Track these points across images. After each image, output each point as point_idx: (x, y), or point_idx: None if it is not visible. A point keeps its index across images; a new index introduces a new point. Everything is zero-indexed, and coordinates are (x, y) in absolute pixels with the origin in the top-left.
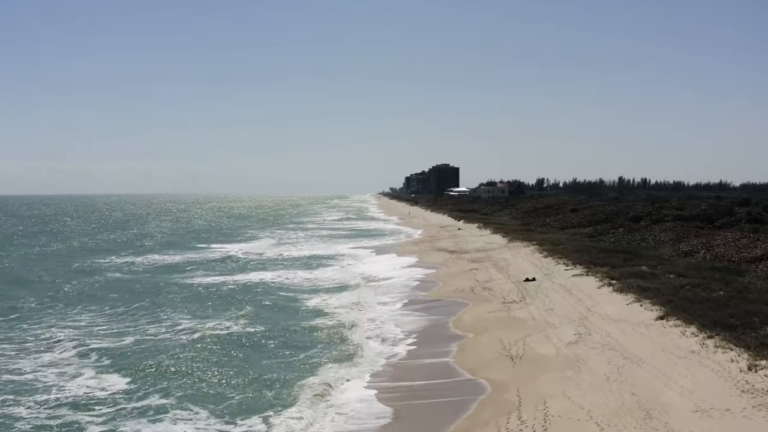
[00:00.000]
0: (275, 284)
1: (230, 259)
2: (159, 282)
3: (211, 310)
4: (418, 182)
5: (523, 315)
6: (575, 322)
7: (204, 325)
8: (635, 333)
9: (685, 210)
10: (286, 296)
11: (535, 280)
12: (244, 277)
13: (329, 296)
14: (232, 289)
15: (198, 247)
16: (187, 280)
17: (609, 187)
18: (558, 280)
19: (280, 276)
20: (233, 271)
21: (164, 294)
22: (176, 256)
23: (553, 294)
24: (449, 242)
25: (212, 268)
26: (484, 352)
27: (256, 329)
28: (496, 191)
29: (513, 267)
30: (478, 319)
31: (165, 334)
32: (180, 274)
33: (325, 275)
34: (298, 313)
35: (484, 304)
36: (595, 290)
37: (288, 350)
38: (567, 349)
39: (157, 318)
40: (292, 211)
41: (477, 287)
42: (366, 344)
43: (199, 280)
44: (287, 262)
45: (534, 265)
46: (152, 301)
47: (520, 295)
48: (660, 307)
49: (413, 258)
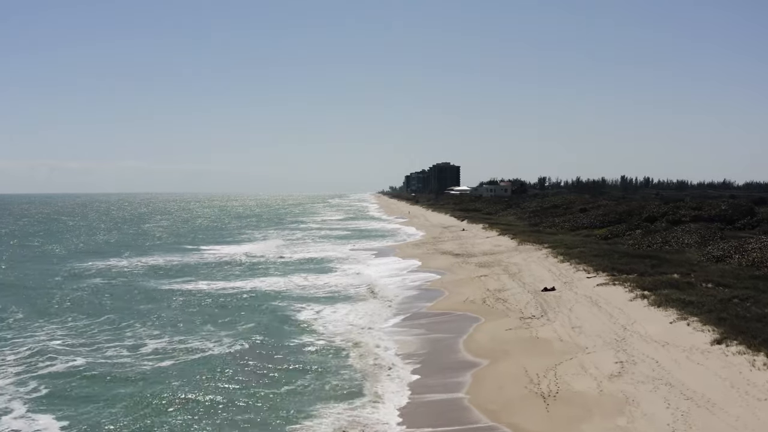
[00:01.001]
0: (267, 293)
1: (222, 263)
2: (137, 290)
3: (187, 326)
4: (418, 181)
5: (548, 334)
6: (612, 344)
7: (175, 347)
8: (690, 362)
9: (703, 210)
10: (278, 308)
11: (554, 289)
12: (233, 285)
13: (325, 308)
14: (217, 299)
15: (191, 249)
16: (170, 287)
17: (612, 186)
18: (581, 290)
19: (274, 283)
20: (223, 277)
21: (138, 305)
22: (165, 259)
23: (579, 307)
24: (453, 244)
25: (200, 273)
26: (506, 387)
27: (238, 353)
28: (499, 190)
29: (527, 273)
30: (495, 338)
31: (125, 357)
32: (164, 281)
33: (322, 282)
34: (287, 332)
35: (500, 320)
36: (627, 303)
37: (271, 386)
38: (610, 384)
39: (121, 335)
40: (292, 210)
41: (489, 298)
42: (362, 373)
43: (183, 288)
44: (283, 266)
45: (550, 272)
46: (123, 313)
47: (540, 308)
48: (712, 327)
49: (415, 262)
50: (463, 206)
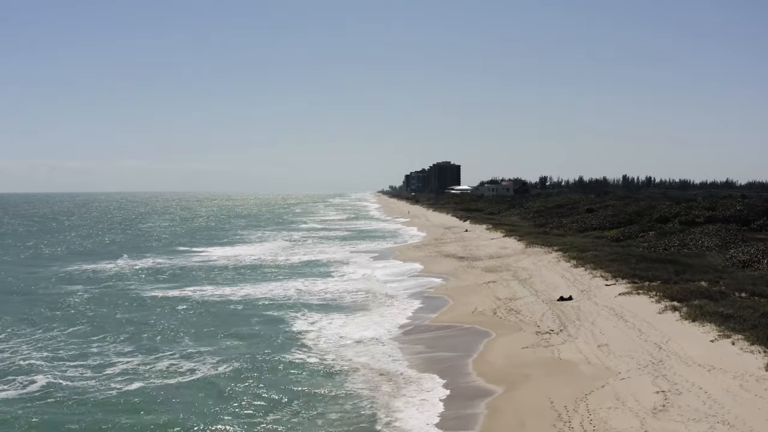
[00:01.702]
0: (259, 301)
1: (214, 266)
2: (119, 297)
3: (165, 341)
4: (418, 180)
5: (572, 354)
6: (647, 368)
7: (148, 367)
8: (747, 393)
9: (717, 210)
10: (269, 320)
11: (571, 299)
12: (223, 291)
13: (319, 320)
14: (204, 307)
15: (184, 251)
16: (155, 293)
17: (613, 185)
18: (601, 300)
19: (267, 289)
20: (213, 282)
21: (116, 314)
22: (156, 262)
23: (602, 321)
24: (457, 246)
25: (190, 278)
26: (529, 424)
27: (220, 376)
28: (500, 189)
29: (538, 280)
30: (510, 359)
31: (89, 379)
32: (150, 286)
33: (318, 288)
34: (277, 348)
35: (514, 335)
36: (656, 316)
37: (256, 418)
38: (656, 422)
39: (89, 351)
40: (291, 209)
41: (500, 308)
42: (355, 402)
43: (169, 294)
44: (278, 270)
45: (564, 279)
46: (98, 324)
47: (558, 321)
48: (762, 348)
49: (417, 265)
50: (465, 206)
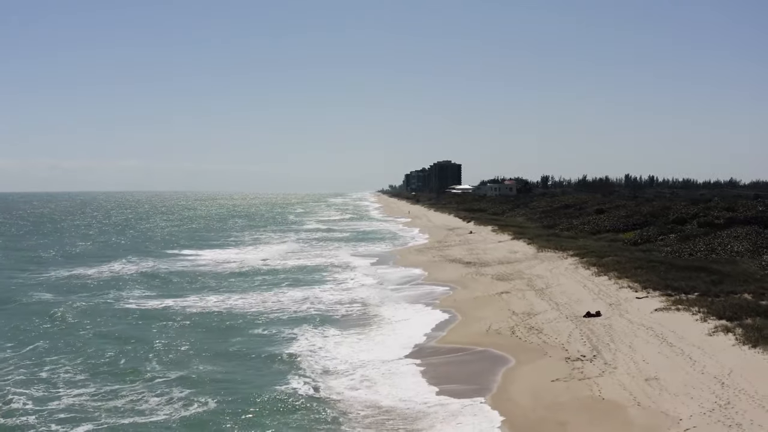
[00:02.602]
0: (245, 314)
1: (200, 272)
2: (86, 309)
3: (129, 366)
4: (418, 180)
5: (615, 391)
6: (714, 413)
7: (99, 402)
8: None
9: (737, 211)
10: (252, 339)
11: (599, 315)
12: (206, 302)
13: (308, 339)
14: (182, 322)
15: (173, 255)
16: (128, 305)
17: (616, 184)
18: (635, 316)
19: (255, 300)
20: (197, 291)
21: (78, 329)
22: (139, 267)
23: (641, 344)
24: (462, 250)
25: (176, 285)
26: None
27: (191, 419)
28: (503, 189)
29: (557, 290)
30: (539, 397)
31: (29, 414)
32: (125, 295)
33: (313, 298)
34: (262, 377)
35: (538, 362)
36: (706, 339)
37: None
38: None
39: (36, 378)
40: (290, 209)
41: (519, 326)
42: None
43: (144, 306)
44: (270, 276)
45: (587, 289)
46: (56, 341)
47: (589, 343)
48: None
49: (420, 271)
50: (467, 206)
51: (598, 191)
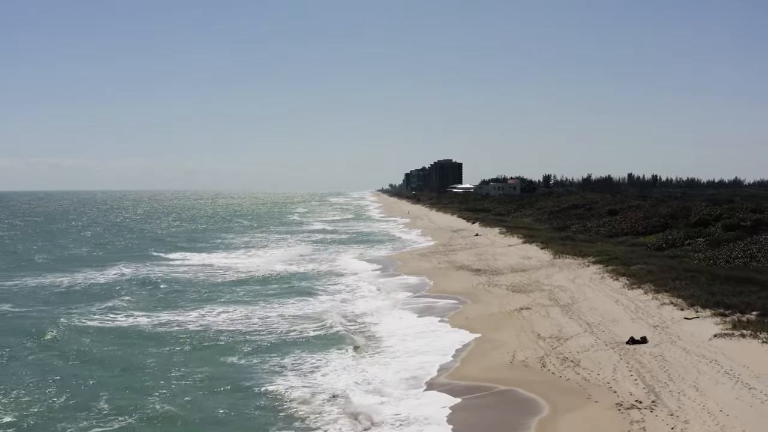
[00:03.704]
0: (222, 335)
1: (178, 280)
2: (37, 327)
3: (77, 398)
4: (418, 179)
5: None
6: None
7: None
8: None
9: (764, 213)
10: (228, 370)
11: (646, 341)
12: (184, 317)
13: (295, 368)
14: (148, 345)
15: (161, 258)
16: (94, 321)
17: (620, 183)
18: (690, 344)
19: (235, 316)
20: (176, 303)
21: (27, 354)
22: (117, 273)
23: (709, 384)
24: (469, 255)
25: (151, 296)
26: None
27: None
28: (507, 188)
29: (585, 305)
30: None
31: None
32: (90, 309)
33: (299, 315)
34: (231, 421)
35: (582, 410)
36: None
37: None
38: None
39: None
40: (288, 209)
41: (549, 356)
42: None
43: (110, 324)
44: (258, 285)
45: (620, 305)
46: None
47: (642, 382)
48: None
49: (424, 280)
50: (470, 206)
51: (604, 190)
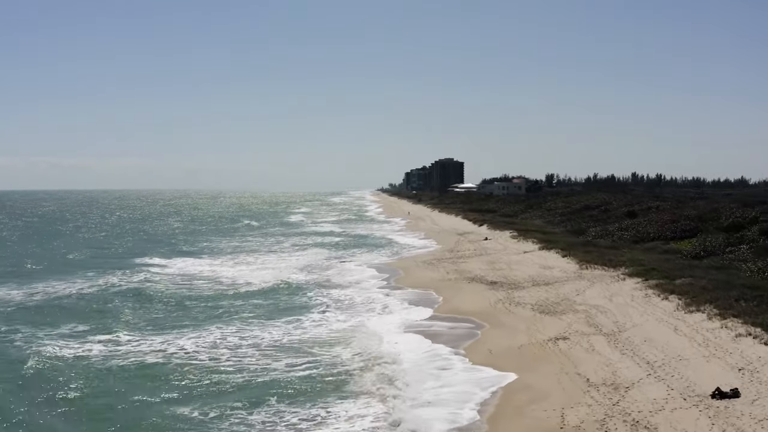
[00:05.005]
0: (185, 370)
1: (159, 295)
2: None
3: None
4: (418, 178)
5: None
6: None
7: None
8: None
9: None
10: (186, 426)
11: (737, 395)
12: (148, 344)
13: (270, 426)
14: (95, 382)
15: (145, 265)
16: (46, 346)
17: (623, 183)
18: None
19: (209, 341)
20: (141, 324)
21: None
22: (91, 285)
23: None
24: (481, 263)
25: (117, 315)
26: None
27: None
28: (512, 188)
29: (636, 334)
30: None
31: None
32: (46, 332)
33: (289, 338)
34: None
35: None
36: None
37: None
38: None
39: None
40: (287, 209)
41: (612, 417)
42: None
43: (58, 352)
44: (241, 299)
45: (681, 334)
46: None
47: None
48: None
49: (430, 295)
50: (474, 206)
51: (611, 190)
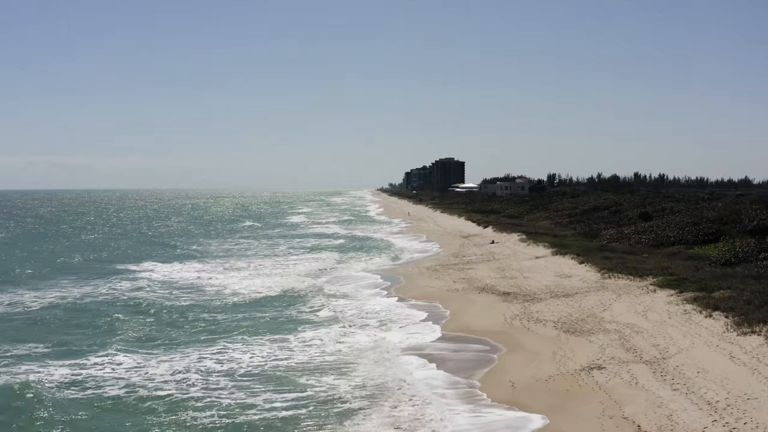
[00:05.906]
0: (149, 406)
1: (138, 309)
2: None
3: None
4: (419, 178)
5: None
6: None
7: None
8: None
9: None
10: None
11: None
12: (115, 368)
13: None
14: (35, 412)
15: (121, 271)
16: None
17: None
18: None
19: (183, 364)
20: (115, 344)
21: None
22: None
23: None
24: (490, 270)
25: (92, 332)
26: None
27: None
28: (515, 188)
29: (687, 363)
30: None
31: None
32: (13, 351)
33: (272, 364)
34: None
35: None
36: None
37: None
38: None
39: None
40: (285, 209)
41: None
42: None
43: (20, 378)
44: (226, 312)
45: (739, 363)
46: None
47: None
48: None
49: (436, 308)
50: (477, 206)
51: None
